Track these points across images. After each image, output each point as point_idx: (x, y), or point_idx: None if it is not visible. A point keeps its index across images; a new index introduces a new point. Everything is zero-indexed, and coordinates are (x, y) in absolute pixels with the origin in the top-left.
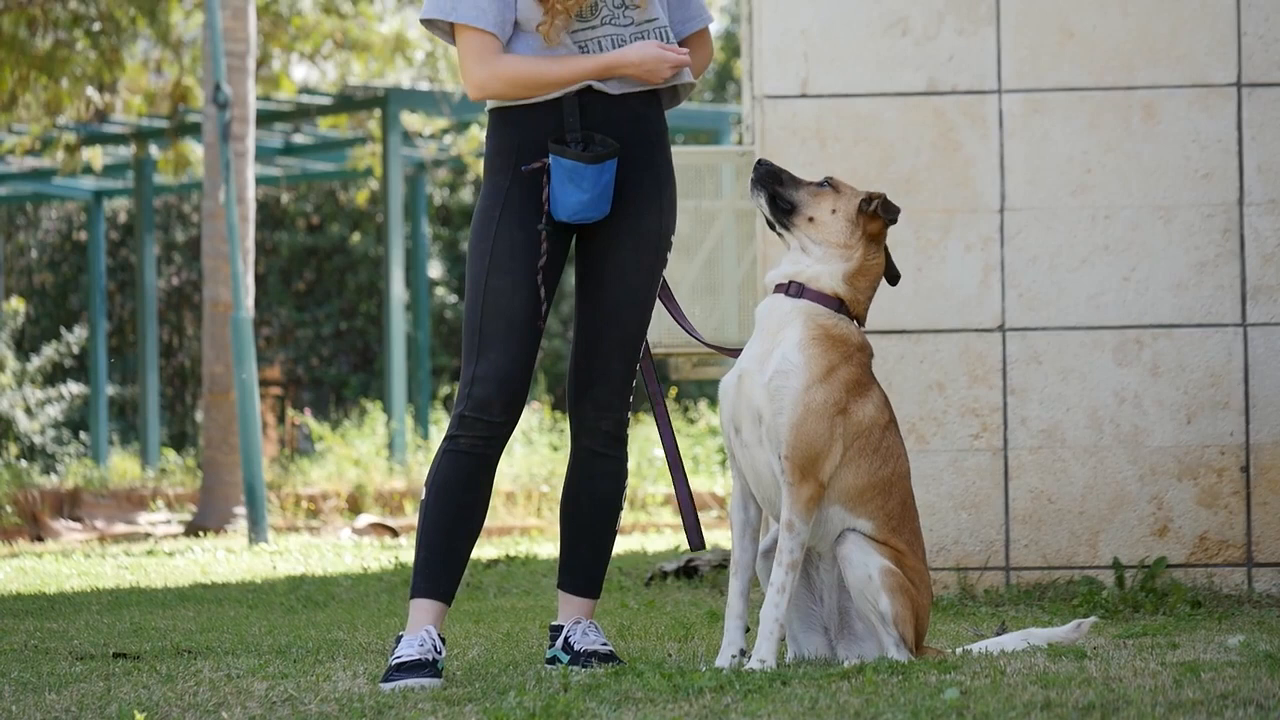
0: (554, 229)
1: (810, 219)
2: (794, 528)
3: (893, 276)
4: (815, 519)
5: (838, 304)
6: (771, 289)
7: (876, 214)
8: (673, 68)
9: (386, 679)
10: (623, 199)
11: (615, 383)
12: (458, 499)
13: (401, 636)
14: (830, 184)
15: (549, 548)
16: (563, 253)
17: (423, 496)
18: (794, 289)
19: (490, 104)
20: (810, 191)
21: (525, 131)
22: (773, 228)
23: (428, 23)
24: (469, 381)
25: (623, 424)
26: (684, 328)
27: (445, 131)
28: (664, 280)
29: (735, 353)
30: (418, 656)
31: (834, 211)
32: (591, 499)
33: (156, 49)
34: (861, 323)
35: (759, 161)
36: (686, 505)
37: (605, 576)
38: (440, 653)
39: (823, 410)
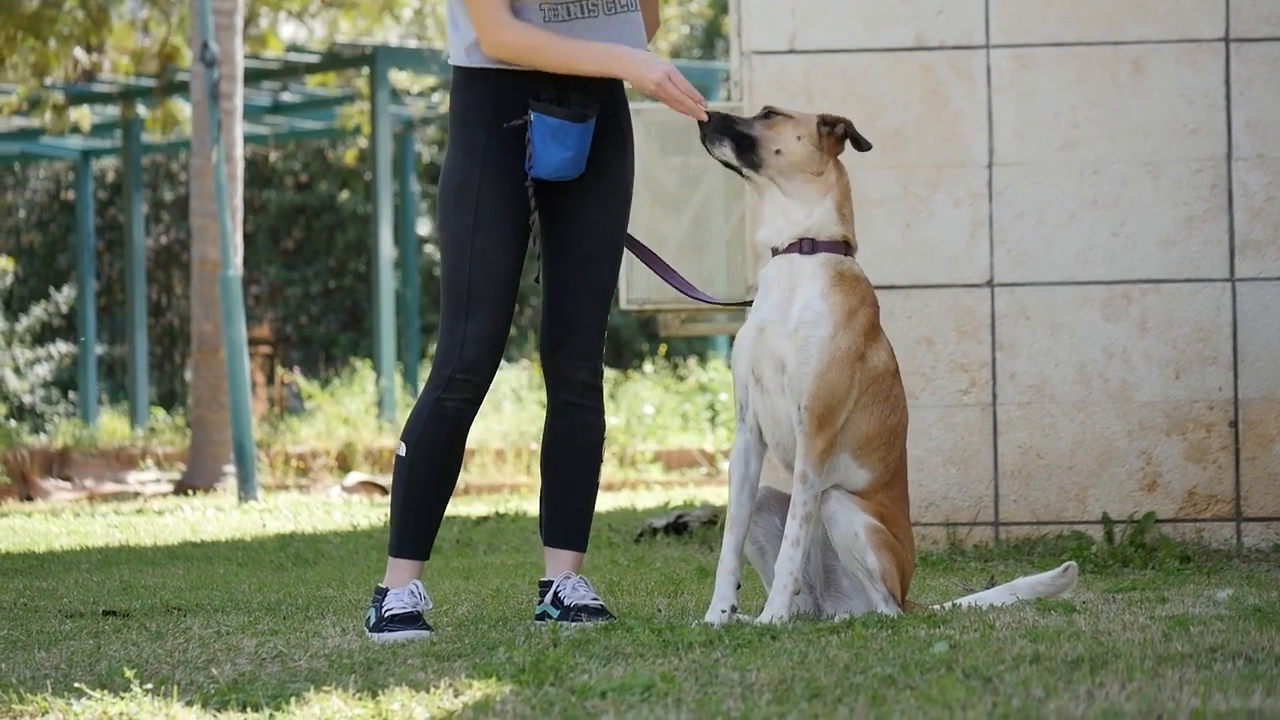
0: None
1: (777, 151)
2: (807, 479)
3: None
4: (826, 469)
5: (845, 247)
6: (779, 248)
7: (836, 136)
8: (655, 94)
9: (379, 629)
10: (593, 153)
11: (592, 332)
12: (440, 460)
13: (387, 590)
14: (773, 112)
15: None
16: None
17: (400, 452)
18: (807, 246)
19: (461, 61)
20: (765, 124)
21: (500, 88)
22: (739, 173)
23: None
24: (459, 342)
25: (598, 373)
26: (693, 295)
27: (434, 89)
28: (653, 253)
29: (735, 306)
30: (409, 609)
31: (799, 138)
32: (573, 451)
33: (143, 8)
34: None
35: (707, 115)
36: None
37: (592, 530)
38: (428, 605)
39: (846, 358)
